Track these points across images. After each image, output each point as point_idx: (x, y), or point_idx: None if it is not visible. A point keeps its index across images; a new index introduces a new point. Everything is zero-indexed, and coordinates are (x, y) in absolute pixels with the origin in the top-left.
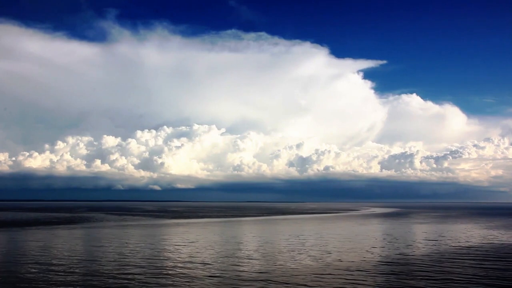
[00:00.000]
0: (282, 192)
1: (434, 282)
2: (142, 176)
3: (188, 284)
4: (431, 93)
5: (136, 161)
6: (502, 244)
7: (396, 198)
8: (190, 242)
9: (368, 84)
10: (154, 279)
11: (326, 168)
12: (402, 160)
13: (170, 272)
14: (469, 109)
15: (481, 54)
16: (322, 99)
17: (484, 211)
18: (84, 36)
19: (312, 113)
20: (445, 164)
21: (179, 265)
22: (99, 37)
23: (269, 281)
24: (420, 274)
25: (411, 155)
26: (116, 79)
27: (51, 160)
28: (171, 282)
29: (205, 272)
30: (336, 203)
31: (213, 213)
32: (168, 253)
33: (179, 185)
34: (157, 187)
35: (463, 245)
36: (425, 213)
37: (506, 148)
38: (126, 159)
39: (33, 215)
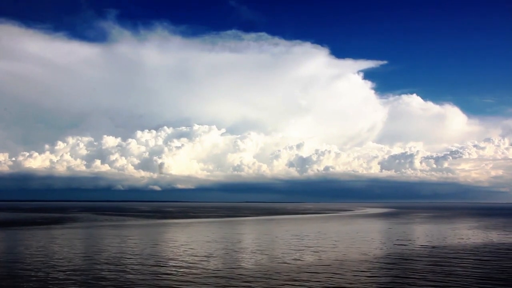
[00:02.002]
0: (282, 193)
1: (366, 284)
2: (142, 176)
3: (130, 284)
4: (432, 93)
5: (136, 161)
6: (472, 244)
7: (396, 198)
8: (161, 242)
9: (369, 84)
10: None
11: (326, 168)
12: (402, 161)
13: (110, 273)
14: (470, 109)
15: (481, 54)
16: (322, 99)
17: (481, 211)
18: (84, 36)
19: (312, 114)
20: (445, 165)
21: (131, 264)
22: (99, 38)
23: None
24: (351, 275)
25: (411, 155)
26: (116, 79)
27: (51, 161)
28: (112, 282)
29: (159, 272)
30: (336, 203)
31: (205, 213)
32: (125, 254)
33: (179, 186)
34: (157, 188)
35: (429, 245)
36: (418, 213)
37: (507, 149)
38: (126, 159)
39: (23, 215)
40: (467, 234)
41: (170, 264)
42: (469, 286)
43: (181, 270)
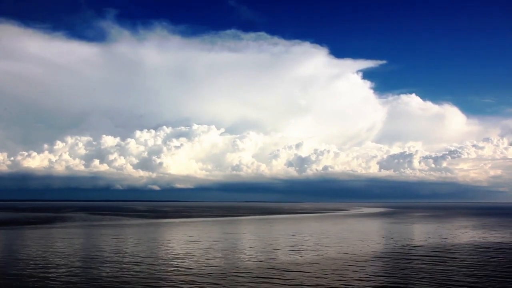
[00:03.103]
0: (281, 192)
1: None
2: (141, 176)
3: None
4: (431, 93)
5: (135, 161)
6: (451, 243)
7: (395, 198)
8: (142, 241)
9: (368, 84)
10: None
11: (325, 168)
12: (401, 160)
13: (82, 272)
14: (469, 109)
15: (481, 54)
16: (321, 99)
17: (477, 211)
18: (83, 36)
19: (311, 113)
20: (444, 164)
21: (106, 264)
22: (99, 37)
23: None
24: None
25: (410, 155)
26: (115, 79)
27: (50, 160)
28: (81, 281)
29: (132, 272)
30: (335, 203)
31: (199, 213)
32: (102, 253)
33: (178, 185)
34: (156, 187)
35: (408, 244)
36: (413, 213)
37: (505, 148)
38: (125, 159)
39: (17, 215)
40: (452, 233)
41: (139, 262)
42: (427, 284)
43: (146, 268)
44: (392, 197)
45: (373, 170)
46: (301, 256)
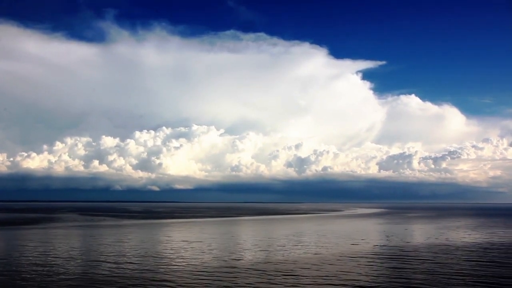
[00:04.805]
0: (280, 193)
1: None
2: (140, 176)
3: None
4: (430, 93)
5: (134, 161)
6: (428, 243)
7: (395, 199)
8: (118, 241)
9: (367, 84)
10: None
11: (324, 168)
12: (401, 161)
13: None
14: (468, 110)
15: (480, 55)
16: (321, 99)
17: (474, 212)
18: (82, 36)
19: (311, 114)
20: (444, 165)
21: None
22: (98, 38)
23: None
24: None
25: (410, 156)
26: (115, 79)
27: (49, 161)
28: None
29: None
30: (333, 204)
31: (193, 213)
32: (67, 253)
33: (177, 186)
34: (155, 188)
35: (386, 245)
36: (407, 213)
37: (505, 149)
38: (124, 159)
39: (7, 216)
40: (435, 233)
41: (108, 261)
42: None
43: (111, 267)
44: (392, 197)
45: (373, 170)
46: (251, 257)
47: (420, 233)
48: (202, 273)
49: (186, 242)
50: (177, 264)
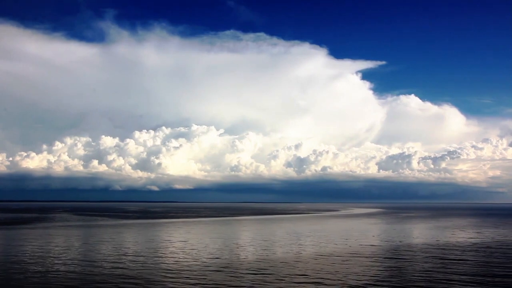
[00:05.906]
0: (280, 193)
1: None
2: (139, 176)
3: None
4: (430, 93)
5: (134, 161)
6: (413, 242)
7: (394, 199)
8: (101, 241)
9: (367, 84)
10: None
11: (324, 168)
12: (400, 161)
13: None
14: (468, 110)
15: (480, 55)
16: (321, 99)
17: (471, 212)
18: (82, 36)
19: (311, 114)
20: (443, 165)
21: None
22: (98, 38)
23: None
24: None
25: (409, 156)
26: (114, 79)
27: (48, 161)
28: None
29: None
30: (333, 204)
31: (189, 213)
32: (50, 254)
33: (177, 186)
34: (154, 188)
35: (372, 244)
36: (403, 213)
37: (504, 149)
38: (124, 159)
39: (2, 216)
40: (423, 233)
41: (85, 261)
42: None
43: (85, 268)
44: (391, 197)
45: (372, 170)
46: (250, 255)
47: (406, 233)
48: (183, 273)
49: (168, 242)
50: (154, 263)
